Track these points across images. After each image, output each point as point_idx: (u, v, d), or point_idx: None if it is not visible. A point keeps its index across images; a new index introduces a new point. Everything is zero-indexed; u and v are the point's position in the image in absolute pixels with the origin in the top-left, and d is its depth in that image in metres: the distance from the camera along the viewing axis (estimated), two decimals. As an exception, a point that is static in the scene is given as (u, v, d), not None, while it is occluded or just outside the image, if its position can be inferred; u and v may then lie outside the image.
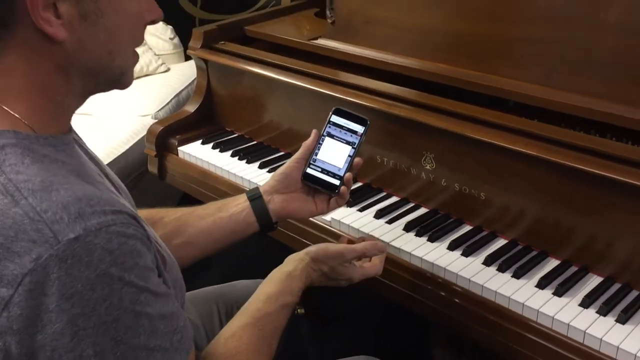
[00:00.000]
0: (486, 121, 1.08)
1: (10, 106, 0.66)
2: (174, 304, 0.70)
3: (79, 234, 0.59)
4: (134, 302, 0.63)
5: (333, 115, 1.02)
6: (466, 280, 1.01)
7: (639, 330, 0.89)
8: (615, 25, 1.04)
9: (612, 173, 0.95)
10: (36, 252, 0.58)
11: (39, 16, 0.62)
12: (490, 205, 1.11)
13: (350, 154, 1.00)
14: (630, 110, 1.02)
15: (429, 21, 1.25)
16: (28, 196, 0.61)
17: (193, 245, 1.02)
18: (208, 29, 1.50)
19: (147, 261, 0.66)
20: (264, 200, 1.02)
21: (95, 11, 0.66)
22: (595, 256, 1.01)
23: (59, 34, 0.64)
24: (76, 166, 0.69)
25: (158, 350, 0.66)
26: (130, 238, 0.63)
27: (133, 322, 0.63)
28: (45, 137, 0.67)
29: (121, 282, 0.62)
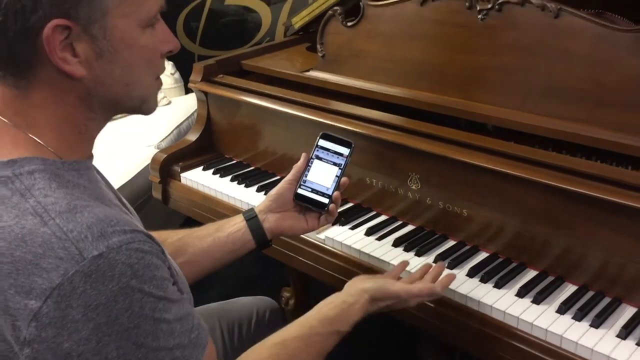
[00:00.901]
0: (466, 143, 1.17)
1: (38, 135, 0.73)
2: (188, 306, 0.77)
3: (102, 251, 0.66)
4: (153, 310, 0.70)
5: (320, 140, 1.10)
6: (451, 291, 1.08)
7: (612, 333, 0.96)
8: (581, 55, 1.13)
9: (582, 189, 1.03)
10: (63, 268, 0.65)
11: (56, 56, 0.70)
12: (472, 221, 1.18)
13: (337, 175, 1.08)
14: (596, 131, 1.10)
15: (410, 53, 1.34)
16: (55, 217, 0.67)
17: (194, 264, 1.09)
18: (208, 64, 1.60)
19: (164, 273, 0.73)
20: (259, 220, 1.10)
21: (110, 49, 0.72)
22: (570, 266, 1.08)
23: (77, 71, 0.71)
24: (95, 190, 0.76)
25: (177, 348, 0.73)
26: (147, 253, 0.70)
27: (153, 328, 0.70)
28: (69, 162, 0.74)
29: (141, 293, 0.68)
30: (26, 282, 0.66)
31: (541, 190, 1.08)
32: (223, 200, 1.45)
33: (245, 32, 3.31)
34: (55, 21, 0.68)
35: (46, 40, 0.69)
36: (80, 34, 0.70)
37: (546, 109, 1.17)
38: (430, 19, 1.32)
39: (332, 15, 1.47)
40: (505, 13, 1.21)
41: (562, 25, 1.14)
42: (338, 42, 1.47)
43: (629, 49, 1.07)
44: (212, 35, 3.36)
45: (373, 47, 1.41)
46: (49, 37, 0.68)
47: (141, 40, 0.75)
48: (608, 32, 1.10)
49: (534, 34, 1.18)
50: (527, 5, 1.18)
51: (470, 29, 1.26)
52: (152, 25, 0.77)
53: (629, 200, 0.99)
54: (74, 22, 0.69)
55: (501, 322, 1.03)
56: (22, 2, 0.67)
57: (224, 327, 1.23)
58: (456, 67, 1.29)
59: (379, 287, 0.98)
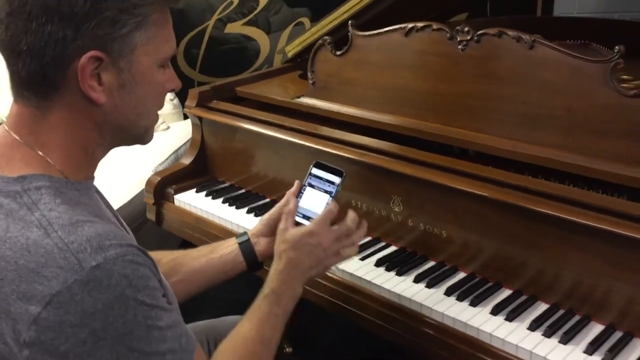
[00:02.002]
0: (444, 167, 1.22)
1: (48, 154, 0.80)
2: (177, 315, 0.83)
3: (99, 262, 0.71)
4: (146, 318, 0.75)
5: (313, 168, 1.15)
6: (429, 309, 1.13)
7: (579, 349, 1.01)
8: (554, 84, 1.19)
9: (553, 211, 1.07)
10: (63, 277, 0.70)
11: (86, 84, 0.76)
12: (451, 242, 1.23)
13: (328, 202, 1.12)
14: (568, 157, 1.16)
15: (396, 81, 1.40)
16: (58, 230, 0.73)
17: (187, 283, 1.14)
18: (202, 90, 1.66)
19: (155, 284, 0.78)
20: (251, 243, 1.15)
21: (131, 81, 0.80)
22: (543, 286, 1.12)
23: (101, 98, 0.78)
24: (95, 208, 0.82)
25: (168, 352, 0.78)
26: (141, 265, 0.75)
27: (145, 334, 0.75)
28: (72, 182, 0.80)
29: (135, 302, 0.73)
30: (28, 289, 0.71)
31: (516, 212, 1.13)
32: (214, 222, 1.50)
33: (244, 59, 3.40)
34: (91, 52, 0.75)
35: (81, 68, 0.75)
36: (109, 65, 0.77)
37: (522, 135, 1.23)
38: (414, 49, 1.38)
39: (322, 45, 1.54)
40: (484, 44, 1.27)
41: (537, 56, 1.21)
42: (327, 70, 1.54)
43: (598, 79, 1.13)
44: (212, 63, 3.44)
45: (361, 76, 1.48)
46: (84, 65, 0.75)
47: (156, 77, 0.83)
48: (578, 63, 1.16)
49: (511, 64, 1.24)
50: (503, 37, 1.25)
51: (452, 58, 1.32)
52: (165, 66, 0.85)
53: (598, 222, 1.03)
54: (107, 55, 0.76)
55: (475, 338, 1.07)
56: (65, 32, 0.73)
57: (212, 344, 1.26)
58: (438, 95, 1.35)
59: (293, 232, 1.05)
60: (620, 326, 1.05)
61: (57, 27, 0.73)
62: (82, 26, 0.74)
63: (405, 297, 1.16)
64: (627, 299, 1.03)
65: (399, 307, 1.16)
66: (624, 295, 1.03)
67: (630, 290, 1.03)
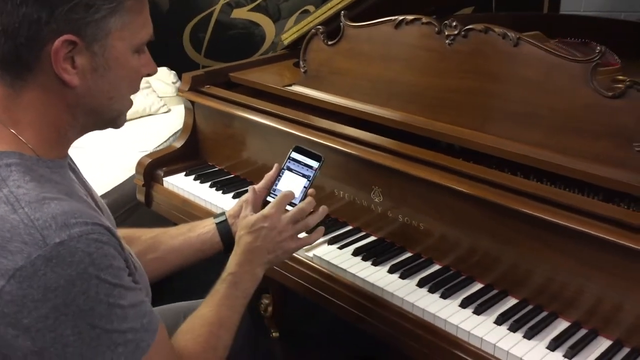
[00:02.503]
0: (424, 160, 1.23)
1: (20, 132, 0.81)
2: (141, 295, 0.84)
3: (63, 239, 0.73)
4: (108, 296, 0.76)
5: (293, 152, 1.17)
6: (400, 299, 1.15)
7: (542, 345, 1.02)
8: (536, 82, 1.19)
9: (528, 209, 1.08)
10: (27, 252, 0.72)
11: (60, 66, 0.78)
12: (428, 235, 1.25)
13: (306, 186, 1.14)
14: (547, 155, 1.16)
15: (384, 73, 1.42)
16: (25, 206, 0.75)
17: (165, 260, 1.17)
18: (196, 74, 1.68)
19: (120, 263, 0.80)
20: (228, 223, 1.17)
21: (105, 65, 0.82)
22: (514, 281, 1.14)
23: (74, 81, 0.80)
24: (66, 186, 0.84)
25: (129, 331, 0.79)
26: (105, 244, 0.77)
27: (107, 311, 0.76)
28: (44, 160, 0.82)
29: (97, 279, 0.75)
30: None
31: (491, 209, 1.14)
32: (200, 205, 1.52)
33: (250, 45, 3.41)
34: (66, 36, 0.77)
35: (54, 51, 0.77)
36: (83, 49, 0.79)
37: (504, 132, 1.24)
38: (403, 42, 1.39)
39: (315, 34, 1.55)
40: (471, 39, 1.28)
41: (521, 53, 1.21)
42: (319, 60, 1.55)
43: (579, 78, 1.14)
44: (218, 47, 3.46)
45: (351, 66, 1.49)
46: (58, 48, 0.77)
47: (131, 62, 0.85)
48: (560, 62, 1.16)
49: (496, 61, 1.25)
50: (490, 33, 1.25)
51: (439, 53, 1.33)
52: (140, 51, 0.87)
53: (571, 222, 1.04)
54: (81, 39, 0.78)
55: (442, 329, 1.08)
56: (39, 14, 0.75)
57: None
58: (425, 89, 1.36)
59: (248, 218, 1.07)
60: (586, 324, 1.06)
61: (31, 9, 0.75)
62: (56, 9, 0.76)
63: (378, 287, 1.17)
64: (595, 298, 1.04)
65: (371, 297, 1.18)
66: (593, 295, 1.04)
67: (599, 290, 1.03)
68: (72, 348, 0.74)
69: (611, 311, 1.03)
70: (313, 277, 1.28)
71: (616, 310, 1.02)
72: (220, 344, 0.97)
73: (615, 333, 1.03)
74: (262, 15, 3.39)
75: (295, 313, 2.14)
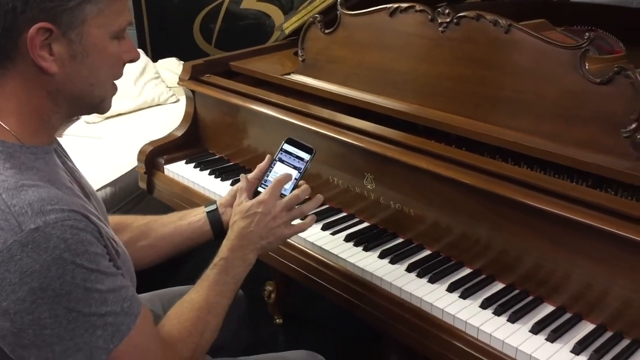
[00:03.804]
0: (414, 147, 1.24)
1: (4, 120, 0.83)
2: (123, 280, 0.85)
3: (39, 225, 0.75)
4: (85, 280, 0.78)
5: (285, 144, 1.18)
6: (388, 283, 1.16)
7: (525, 328, 1.03)
8: (526, 69, 1.19)
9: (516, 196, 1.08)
10: (3, 237, 0.74)
11: (36, 53, 0.80)
12: (419, 221, 1.26)
13: (296, 177, 1.15)
14: (537, 142, 1.17)
15: (379, 61, 1.43)
16: (2, 193, 0.77)
17: (156, 248, 1.18)
18: (196, 63, 1.70)
19: (97, 249, 0.81)
20: (218, 212, 1.19)
21: (82, 52, 0.83)
22: (502, 267, 1.15)
23: (52, 68, 0.82)
24: (48, 173, 0.85)
25: (109, 314, 0.81)
26: (81, 230, 0.78)
27: (84, 296, 0.78)
28: (28, 146, 0.84)
29: (73, 265, 0.76)
30: None
31: (482, 195, 1.14)
32: (199, 192, 1.55)
33: (260, 35, 3.42)
34: (40, 24, 0.79)
35: (30, 39, 0.79)
36: (60, 37, 0.81)
37: (495, 118, 1.24)
38: (397, 29, 1.40)
39: (312, 22, 1.56)
40: (463, 27, 1.28)
41: (512, 40, 1.21)
42: (317, 48, 1.56)
43: (568, 64, 1.14)
44: (228, 38, 3.48)
45: (348, 54, 1.50)
46: (33, 36, 0.79)
47: (109, 48, 0.86)
48: (550, 49, 1.16)
49: (487, 47, 1.25)
50: (481, 20, 1.26)
51: (432, 40, 1.33)
52: (119, 38, 0.87)
53: (559, 208, 1.04)
54: (56, 26, 0.80)
55: (429, 313, 1.10)
56: (14, 3, 0.77)
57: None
58: (419, 76, 1.37)
59: (243, 204, 1.08)
60: (570, 308, 1.07)
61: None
62: None
63: (368, 272, 1.19)
64: (581, 283, 1.05)
65: (362, 282, 1.20)
66: (579, 280, 1.05)
67: (585, 276, 1.04)
68: (49, 330, 0.76)
69: (596, 296, 1.03)
70: (307, 262, 1.30)
71: (601, 295, 1.03)
72: (208, 328, 0.98)
73: (599, 317, 1.04)
74: (272, 5, 3.40)
75: (298, 300, 2.17)
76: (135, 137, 2.46)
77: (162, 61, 3.13)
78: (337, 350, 1.97)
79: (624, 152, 1.09)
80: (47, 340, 0.76)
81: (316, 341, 1.97)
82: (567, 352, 0.98)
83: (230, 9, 3.45)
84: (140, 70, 2.82)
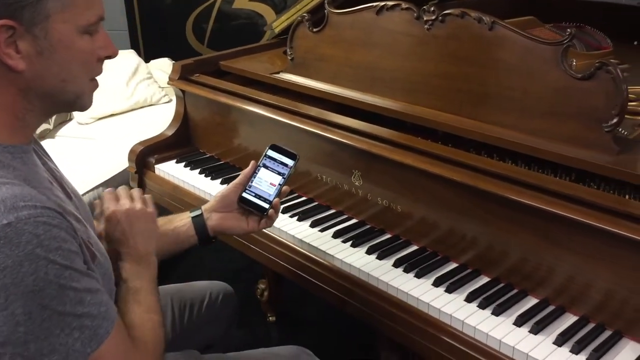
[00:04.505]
0: (400, 144, 1.26)
1: None
2: (99, 284, 0.84)
3: (10, 221, 0.74)
4: (58, 277, 0.76)
5: (269, 150, 1.19)
6: (376, 279, 1.18)
7: (509, 321, 1.05)
8: (510, 65, 1.21)
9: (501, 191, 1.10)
10: None
11: (2, 51, 0.79)
12: (406, 217, 1.27)
13: (280, 183, 1.16)
14: (520, 137, 1.18)
15: (367, 59, 1.44)
16: None
17: None
18: (185, 63, 1.71)
19: (71, 246, 0.79)
20: (203, 218, 1.18)
21: (49, 48, 0.81)
22: (487, 261, 1.16)
23: (19, 65, 0.81)
24: (25, 172, 0.84)
25: (86, 316, 0.80)
26: (54, 227, 0.77)
27: (58, 293, 0.76)
28: (5, 145, 0.84)
29: (46, 260, 0.75)
30: None
31: (467, 191, 1.16)
32: (189, 191, 1.56)
33: (253, 35, 3.43)
34: (2, 21, 0.78)
35: None
36: (24, 33, 0.80)
37: (480, 115, 1.26)
38: (384, 27, 1.41)
39: (301, 21, 1.57)
40: (448, 24, 1.29)
41: (495, 37, 1.23)
42: (305, 47, 1.57)
43: (550, 60, 1.15)
44: (220, 37, 3.49)
45: (335, 53, 1.51)
46: None
47: (78, 44, 0.84)
48: (533, 45, 1.18)
49: (471, 45, 1.26)
50: (466, 17, 1.27)
51: (418, 38, 1.35)
52: (92, 33, 0.86)
53: (542, 203, 1.06)
54: (19, 23, 0.79)
55: (415, 307, 1.11)
56: None
57: (176, 307, 1.33)
58: (405, 73, 1.38)
59: None
60: (554, 301, 1.08)
61: None
62: None
63: (355, 267, 1.21)
64: (565, 277, 1.07)
65: (350, 278, 1.21)
66: (563, 274, 1.06)
67: (569, 269, 1.05)
68: (23, 327, 0.75)
69: (579, 289, 1.05)
70: (295, 259, 1.31)
71: (584, 288, 1.04)
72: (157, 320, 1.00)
73: (582, 310, 1.05)
74: (264, 5, 3.41)
75: (291, 297, 2.18)
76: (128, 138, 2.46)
77: (154, 61, 3.14)
78: (330, 348, 1.99)
79: (605, 146, 1.10)
80: (21, 337, 0.75)
81: (309, 339, 1.98)
82: (550, 344, 0.99)
83: (223, 9, 3.46)
84: (132, 71, 2.83)
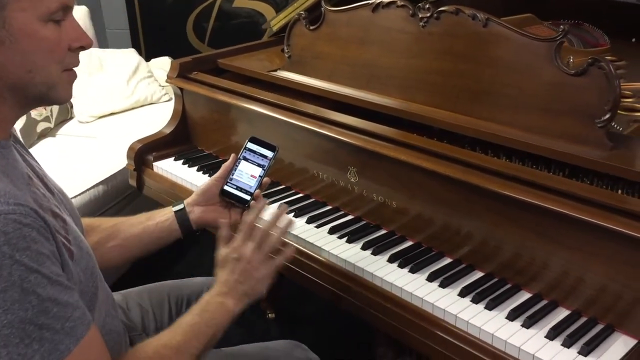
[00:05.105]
0: (394, 140, 1.27)
1: None
2: (73, 297, 0.78)
3: None
4: (22, 280, 0.72)
5: (249, 143, 1.19)
6: (370, 274, 1.18)
7: (502, 316, 1.06)
8: (504, 61, 1.21)
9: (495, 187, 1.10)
10: None
11: None
12: (401, 213, 1.28)
13: (261, 175, 1.17)
14: (515, 133, 1.19)
15: (363, 56, 1.45)
16: None
17: (125, 247, 1.19)
18: (184, 61, 1.73)
19: (42, 249, 0.75)
20: (186, 212, 1.19)
21: (10, 38, 0.78)
22: (481, 257, 1.17)
23: None
24: (3, 167, 0.81)
25: (47, 329, 0.74)
26: (26, 226, 0.74)
27: (21, 297, 0.72)
28: None
29: (11, 260, 0.71)
30: None
31: (461, 187, 1.16)
32: (187, 188, 1.57)
33: (253, 33, 3.44)
34: None
35: None
36: None
37: (475, 111, 1.26)
38: (380, 25, 1.42)
39: (297, 19, 1.58)
40: (443, 21, 1.30)
41: (490, 34, 1.23)
42: (302, 44, 1.58)
43: (544, 57, 1.16)
44: (221, 36, 3.50)
45: (332, 50, 1.52)
46: None
47: (41, 32, 0.81)
48: (527, 41, 1.18)
49: (466, 41, 1.27)
50: (460, 14, 1.28)
51: (413, 35, 1.36)
52: (57, 21, 0.82)
53: (536, 198, 1.06)
54: None
55: (409, 302, 1.12)
56: None
57: (172, 302, 1.34)
58: (401, 71, 1.39)
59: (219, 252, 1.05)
60: (547, 296, 1.09)
61: None
62: None
63: (350, 263, 1.21)
64: (558, 271, 1.07)
65: (345, 273, 1.22)
66: (556, 268, 1.07)
67: (562, 264, 1.06)
68: None
69: (572, 284, 1.06)
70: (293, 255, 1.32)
71: (577, 282, 1.05)
72: None
73: (574, 304, 1.06)
74: (265, 4, 3.41)
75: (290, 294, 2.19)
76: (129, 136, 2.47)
77: (155, 60, 3.15)
78: (329, 344, 2.00)
79: (598, 142, 1.11)
80: None
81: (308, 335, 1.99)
82: (542, 338, 1.00)
83: (224, 8, 3.47)
84: (133, 70, 2.84)
